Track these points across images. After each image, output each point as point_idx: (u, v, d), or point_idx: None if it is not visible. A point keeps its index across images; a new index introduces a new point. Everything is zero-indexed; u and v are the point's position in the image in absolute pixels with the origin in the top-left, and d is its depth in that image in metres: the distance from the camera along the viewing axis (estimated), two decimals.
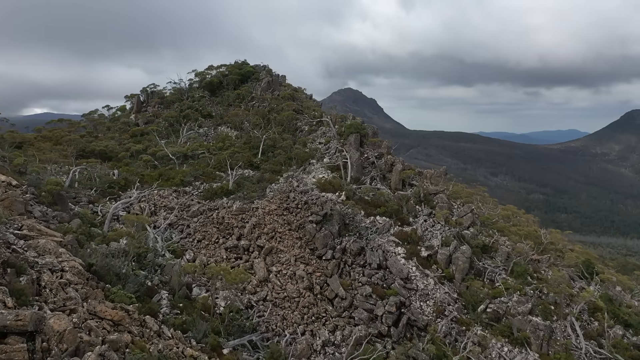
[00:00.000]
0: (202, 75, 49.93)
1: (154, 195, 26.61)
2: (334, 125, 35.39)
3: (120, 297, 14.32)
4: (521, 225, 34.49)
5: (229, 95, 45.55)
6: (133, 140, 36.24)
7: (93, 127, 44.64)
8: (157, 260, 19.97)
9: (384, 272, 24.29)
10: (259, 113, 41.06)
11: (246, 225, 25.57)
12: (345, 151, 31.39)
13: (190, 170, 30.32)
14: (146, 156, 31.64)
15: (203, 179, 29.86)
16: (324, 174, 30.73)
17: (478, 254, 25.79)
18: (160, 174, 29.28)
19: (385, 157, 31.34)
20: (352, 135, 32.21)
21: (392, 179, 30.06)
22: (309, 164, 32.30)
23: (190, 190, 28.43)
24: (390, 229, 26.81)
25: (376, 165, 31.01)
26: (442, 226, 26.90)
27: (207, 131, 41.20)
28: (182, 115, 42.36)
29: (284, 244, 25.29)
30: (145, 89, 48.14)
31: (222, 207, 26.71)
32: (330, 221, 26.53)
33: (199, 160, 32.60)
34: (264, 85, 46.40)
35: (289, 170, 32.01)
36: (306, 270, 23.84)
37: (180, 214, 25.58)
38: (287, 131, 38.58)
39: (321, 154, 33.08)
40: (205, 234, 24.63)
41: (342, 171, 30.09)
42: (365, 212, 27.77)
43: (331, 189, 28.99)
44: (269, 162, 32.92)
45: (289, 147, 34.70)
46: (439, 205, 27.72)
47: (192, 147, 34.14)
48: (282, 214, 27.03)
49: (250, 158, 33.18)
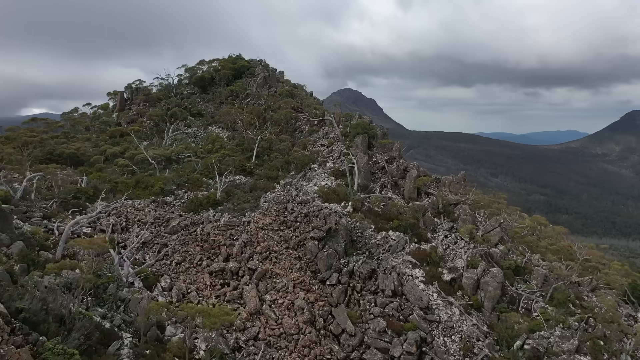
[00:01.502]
0: (192, 71, 45.86)
1: (127, 208, 22.55)
2: (338, 125, 31.42)
3: (56, 356, 10.28)
4: (549, 237, 30.69)
5: (221, 92, 41.52)
6: (111, 142, 32.17)
7: (71, 127, 40.53)
8: (120, 294, 15.93)
9: (400, 301, 20.35)
10: (254, 111, 37.05)
11: (235, 243, 21.57)
12: (352, 155, 27.42)
13: (172, 176, 26.30)
14: (122, 160, 27.57)
15: (187, 187, 25.85)
16: (327, 180, 26.76)
17: (510, 277, 21.87)
18: (137, 181, 25.27)
19: (397, 161, 27.38)
20: (358, 136, 28.26)
21: (406, 187, 26.11)
22: (310, 169, 28.32)
23: (171, 200, 24.41)
24: (406, 247, 22.87)
25: (387, 171, 27.04)
26: (466, 243, 22.96)
27: (196, 131, 37.16)
28: (168, 114, 38.29)
29: (281, 265, 21.29)
30: (129, 85, 44.04)
31: (208, 221, 22.70)
32: (335, 238, 22.57)
33: (183, 165, 28.57)
34: (260, 81, 42.41)
35: (286, 177, 28.01)
36: (307, 298, 19.86)
37: (157, 230, 21.54)
38: (285, 131, 34.58)
39: (324, 157, 29.09)
40: (186, 254, 20.60)
41: (348, 178, 26.13)
42: (376, 226, 23.83)
43: (335, 199, 25.03)
44: (264, 167, 28.93)
45: (287, 149, 30.71)
46: (462, 218, 23.77)
47: (177, 149, 30.09)
48: (279, 229, 23.04)
49: (242, 162, 29.17)
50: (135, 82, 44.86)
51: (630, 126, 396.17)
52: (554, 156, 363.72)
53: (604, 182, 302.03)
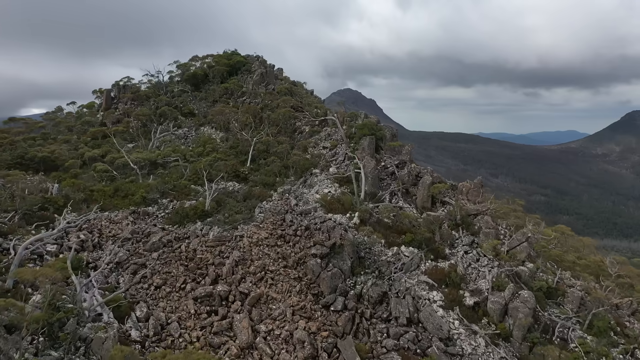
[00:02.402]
0: (184, 67, 42.93)
1: (102, 220, 19.66)
2: (342, 125, 28.57)
3: None
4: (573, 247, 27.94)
5: (215, 89, 38.61)
6: (91, 144, 29.24)
7: (53, 127, 37.58)
8: (80, 332, 13.06)
9: (416, 330, 17.52)
10: (250, 110, 34.17)
11: (226, 261, 18.72)
12: (358, 159, 24.58)
13: (157, 183, 23.42)
14: (101, 165, 24.67)
15: (173, 195, 22.97)
16: (330, 188, 23.92)
17: (541, 301, 19.05)
18: (116, 188, 22.38)
19: (408, 166, 24.53)
20: (365, 138, 25.42)
21: (419, 195, 23.29)
22: (311, 175, 25.47)
23: (153, 211, 21.53)
24: (421, 265, 20.04)
25: (397, 177, 24.20)
26: (489, 261, 20.16)
27: (186, 132, 34.26)
28: (157, 113, 35.37)
29: (278, 288, 18.43)
30: (117, 83, 41.08)
31: (195, 236, 19.82)
32: (339, 255, 19.74)
33: (170, 170, 25.68)
34: (257, 78, 39.51)
35: (285, 183, 25.16)
36: (308, 328, 17.01)
37: (134, 247, 18.64)
38: (283, 132, 31.72)
39: (326, 161, 26.23)
40: (167, 276, 17.71)
41: (354, 185, 23.29)
42: (386, 240, 21.00)
43: (340, 209, 22.20)
44: (260, 172, 26.07)
45: (286, 152, 27.85)
46: (484, 231, 20.96)
47: (163, 152, 27.19)
48: (276, 244, 20.18)
49: (236, 166, 26.29)
50: (124, 79, 41.91)
51: (630, 126, 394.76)
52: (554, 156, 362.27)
53: (605, 183, 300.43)
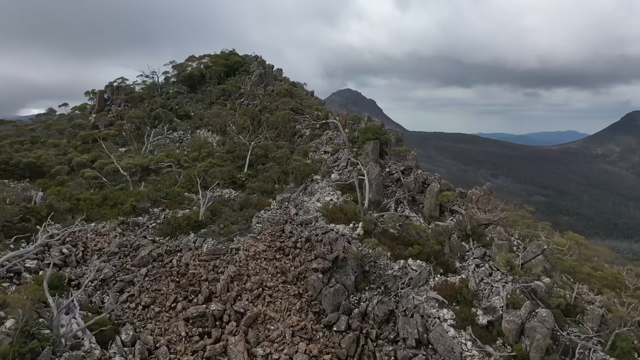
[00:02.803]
0: (181, 68, 41.57)
1: (87, 232, 18.31)
2: (344, 128, 27.25)
3: None
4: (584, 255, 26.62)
5: (211, 91, 37.26)
6: (81, 148, 27.87)
7: (43, 130, 36.22)
8: None
9: (426, 352, 16.22)
10: (248, 113, 32.85)
11: (220, 277, 17.39)
12: (361, 164, 23.26)
13: (148, 190, 22.08)
14: (89, 171, 23.31)
15: (166, 203, 21.63)
16: (332, 195, 22.60)
17: (559, 319, 17.75)
18: (105, 197, 21.03)
19: (414, 172, 23.21)
20: (368, 142, 24.09)
21: (426, 204, 21.98)
22: (312, 182, 24.16)
23: (144, 221, 20.18)
24: (430, 280, 18.73)
25: (403, 184, 22.89)
26: (503, 275, 18.86)
27: (182, 135, 32.91)
28: (151, 115, 34.02)
29: (276, 306, 17.10)
30: (111, 84, 39.72)
31: (187, 249, 18.48)
32: (343, 269, 18.43)
33: (163, 177, 24.33)
34: (255, 79, 38.18)
35: (284, 190, 23.83)
36: (309, 351, 15.70)
37: (121, 262, 17.30)
38: (282, 136, 30.39)
39: (327, 167, 24.91)
40: (156, 294, 16.38)
41: (358, 192, 21.97)
42: (392, 253, 19.69)
43: (343, 219, 20.90)
44: (258, 179, 24.74)
45: (285, 157, 26.52)
46: (496, 243, 19.65)
47: (156, 157, 25.84)
48: (274, 257, 18.85)
49: (233, 172, 24.95)
50: (118, 79, 40.54)
51: (630, 127, 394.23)
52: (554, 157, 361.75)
53: (605, 183, 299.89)
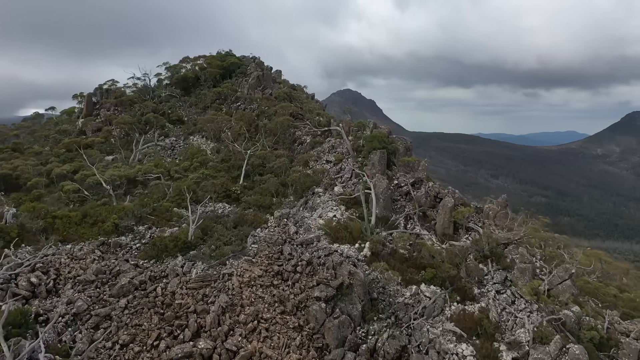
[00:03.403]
0: (174, 70, 39.55)
1: (61, 257, 16.29)
2: (348, 135, 25.26)
3: None
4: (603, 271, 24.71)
5: (206, 94, 35.24)
6: (64, 157, 25.81)
7: (28, 135, 34.17)
8: None
9: None
10: (245, 118, 30.84)
11: (210, 308, 15.39)
12: (367, 176, 21.28)
13: (134, 205, 20.06)
14: (69, 184, 21.29)
15: (152, 220, 19.61)
16: (336, 211, 20.60)
17: (592, 353, 15.82)
18: (85, 214, 19.01)
19: (425, 185, 21.23)
20: (375, 152, 22.11)
21: (439, 220, 19.99)
22: (313, 195, 22.16)
23: (127, 241, 18.16)
24: (445, 309, 16.74)
25: (413, 198, 20.92)
26: (527, 303, 16.90)
27: (174, 142, 30.88)
28: (142, 120, 31.99)
29: (273, 342, 15.10)
30: (100, 87, 37.68)
31: (174, 274, 16.48)
32: (348, 297, 16.44)
33: (151, 189, 22.30)
34: (253, 81, 36.18)
35: (283, 205, 21.83)
36: None
37: (98, 292, 15.28)
38: (281, 143, 28.39)
39: (330, 179, 22.92)
40: (137, 330, 14.36)
41: (364, 207, 19.97)
42: (403, 277, 17.68)
43: (347, 238, 18.91)
44: (255, 191, 22.73)
45: (284, 167, 24.52)
46: (519, 267, 17.67)
47: (144, 167, 23.80)
48: (271, 283, 16.85)
49: (227, 184, 22.94)
50: (108, 82, 38.51)
51: (630, 127, 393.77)
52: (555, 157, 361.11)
53: (605, 184, 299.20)
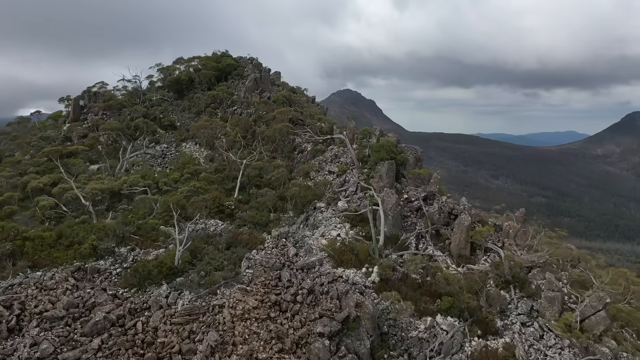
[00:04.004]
0: (167, 71, 37.53)
1: (29, 287, 14.29)
2: (352, 143, 23.28)
3: None
4: None
5: (199, 97, 33.20)
6: (44, 167, 23.75)
7: (10, 142, 32.13)
8: None
9: None
10: (241, 123, 28.85)
11: (198, 347, 13.42)
12: (374, 189, 19.31)
13: (116, 224, 18.05)
14: (45, 200, 19.27)
15: (136, 241, 17.61)
16: (340, 229, 18.63)
17: None
18: (60, 234, 17.00)
19: (439, 200, 19.25)
20: (382, 163, 20.14)
21: (454, 240, 18.04)
22: (315, 210, 20.18)
23: (106, 266, 16.17)
24: (465, 344, 14.81)
25: (425, 215, 18.95)
26: (557, 338, 14.97)
27: (165, 150, 28.86)
28: (131, 126, 29.98)
29: None
30: (88, 89, 35.67)
31: (157, 307, 14.50)
32: (355, 332, 14.48)
33: (136, 204, 20.28)
34: (250, 84, 34.19)
35: (281, 221, 19.84)
36: None
37: (67, 331, 13.27)
38: (280, 151, 26.39)
39: (333, 192, 20.94)
40: None
41: (371, 226, 18.01)
42: (416, 307, 15.73)
43: (353, 261, 16.95)
44: (251, 206, 20.75)
45: (283, 179, 22.53)
46: (547, 296, 15.72)
47: (130, 179, 21.77)
48: (268, 316, 14.87)
49: (220, 198, 20.93)
50: (97, 84, 36.48)
51: (630, 127, 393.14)
52: (555, 157, 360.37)
53: (605, 184, 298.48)
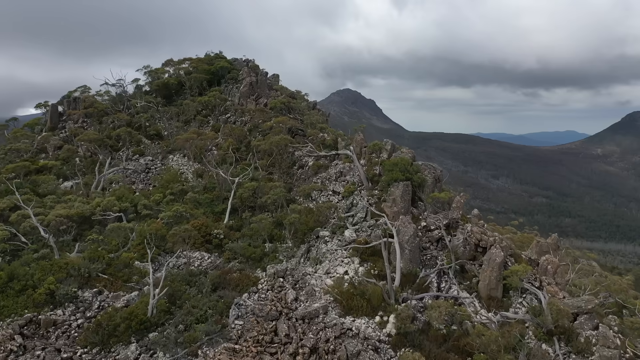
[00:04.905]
0: (155, 75, 34.54)
1: None
2: (360, 158, 20.36)
3: None
4: None
5: (189, 104, 30.20)
6: (5, 187, 20.71)
7: None
8: None
9: None
10: (235, 133, 25.94)
11: None
12: (387, 216, 16.43)
13: (82, 260, 15.13)
14: (1, 228, 16.28)
15: (105, 281, 14.70)
16: (348, 265, 15.73)
17: None
18: (11, 275, 14.08)
19: (463, 229, 16.33)
20: (397, 184, 17.24)
21: (483, 278, 15.18)
22: (317, 239, 17.29)
23: (65, 317, 13.26)
24: None
25: (448, 247, 16.08)
26: None
27: (150, 163, 25.91)
28: (112, 136, 27.03)
29: None
30: (69, 94, 32.69)
31: None
32: None
33: (109, 233, 17.34)
34: (245, 89, 31.23)
35: (278, 253, 16.92)
36: None
37: None
38: (277, 167, 23.45)
39: (339, 218, 18.05)
40: None
41: (385, 260, 15.09)
42: None
43: (364, 308, 14.06)
44: (243, 234, 17.84)
45: (280, 201, 19.61)
46: (602, 354, 12.89)
47: (104, 203, 18.79)
48: None
49: (208, 226, 17.98)
50: (79, 88, 33.50)
51: (631, 127, 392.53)
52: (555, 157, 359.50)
53: (606, 185, 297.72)
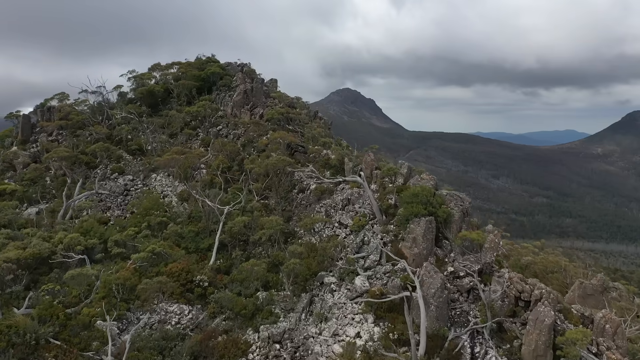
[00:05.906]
0: (140, 81, 31.37)
1: None
2: (371, 183, 17.25)
3: None
4: None
5: (176, 115, 27.00)
6: None
7: None
8: None
9: None
10: (226, 149, 22.87)
11: None
12: (407, 261, 13.45)
13: (30, 320, 12.09)
14: None
15: (56, 351, 11.66)
16: (360, 324, 12.73)
17: None
18: None
19: (500, 277, 13.33)
20: (418, 220, 14.23)
21: (528, 342, 12.19)
22: (322, 286, 14.29)
23: None
24: None
25: (482, 301, 13.10)
26: None
27: (129, 184, 22.84)
28: (87, 152, 23.95)
29: None
30: (44, 103, 29.57)
31: None
32: None
33: (70, 279, 14.26)
34: (239, 98, 28.08)
35: (274, 309, 13.89)
36: None
37: None
38: (275, 191, 20.30)
39: (348, 261, 15.01)
40: None
41: (407, 320, 12.10)
42: None
43: None
44: (232, 278, 14.82)
45: (278, 237, 16.55)
46: None
47: (67, 239, 15.63)
48: None
49: (190, 270, 14.94)
50: (57, 96, 30.36)
51: (631, 127, 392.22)
52: (555, 157, 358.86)
53: (606, 184, 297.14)
